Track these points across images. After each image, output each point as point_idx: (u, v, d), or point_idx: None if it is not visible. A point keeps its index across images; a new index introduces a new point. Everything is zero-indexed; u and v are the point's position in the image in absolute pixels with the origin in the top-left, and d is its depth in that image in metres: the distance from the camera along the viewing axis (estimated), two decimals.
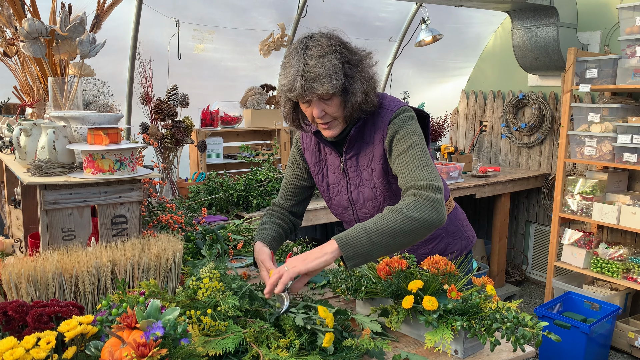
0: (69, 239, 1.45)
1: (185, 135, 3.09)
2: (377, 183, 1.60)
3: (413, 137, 1.50)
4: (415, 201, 1.36)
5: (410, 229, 1.33)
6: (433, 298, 1.25)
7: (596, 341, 3.14)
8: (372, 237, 1.31)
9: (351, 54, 1.50)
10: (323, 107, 1.49)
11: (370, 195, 1.63)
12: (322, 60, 1.43)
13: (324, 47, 1.45)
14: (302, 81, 1.43)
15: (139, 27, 3.45)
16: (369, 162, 1.60)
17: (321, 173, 1.74)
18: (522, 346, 1.18)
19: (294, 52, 1.47)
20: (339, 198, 1.71)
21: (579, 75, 3.64)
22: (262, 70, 4.22)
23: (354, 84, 1.48)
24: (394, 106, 1.58)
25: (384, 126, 1.55)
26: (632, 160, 3.32)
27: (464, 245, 1.82)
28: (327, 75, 1.42)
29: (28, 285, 1.18)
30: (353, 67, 1.48)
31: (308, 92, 1.44)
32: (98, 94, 2.14)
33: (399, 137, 1.51)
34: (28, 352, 0.92)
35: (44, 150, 1.56)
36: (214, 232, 2.09)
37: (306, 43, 1.47)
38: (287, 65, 1.48)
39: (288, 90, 1.47)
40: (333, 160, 1.69)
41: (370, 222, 1.35)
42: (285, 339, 1.21)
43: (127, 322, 1.00)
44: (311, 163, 1.75)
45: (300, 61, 1.44)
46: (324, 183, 1.74)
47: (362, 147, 1.61)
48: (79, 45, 1.74)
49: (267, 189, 3.16)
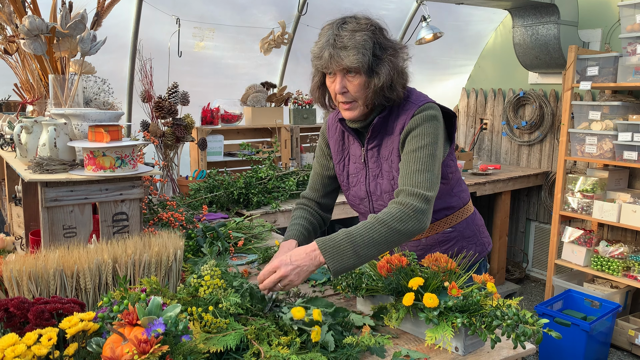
0: (70, 236, 1.46)
1: (186, 133, 3.09)
2: (396, 176, 1.59)
3: (426, 139, 1.50)
4: (400, 211, 1.39)
5: (393, 241, 1.38)
6: (434, 295, 1.25)
7: (596, 339, 3.15)
8: (357, 250, 1.35)
9: (385, 39, 1.53)
10: (345, 82, 1.51)
11: (388, 188, 1.62)
12: (354, 34, 1.46)
13: (360, 24, 1.49)
14: (330, 49, 1.46)
15: (139, 24, 3.44)
16: (389, 153, 1.60)
17: (342, 162, 1.74)
18: (522, 343, 1.18)
19: (330, 24, 1.52)
20: (357, 189, 1.71)
21: (580, 73, 3.63)
22: (262, 68, 4.22)
23: (380, 66, 1.49)
24: (420, 101, 1.58)
25: (406, 119, 1.56)
26: (632, 158, 3.32)
27: (479, 250, 1.78)
28: (354, 47, 1.45)
29: (29, 282, 1.18)
30: (383, 50, 1.51)
31: (333, 62, 1.47)
32: (99, 92, 2.14)
33: (413, 135, 1.52)
34: (29, 348, 0.93)
35: (45, 147, 1.56)
36: (215, 230, 2.09)
37: (345, 19, 1.52)
38: (321, 35, 1.52)
39: (316, 57, 1.51)
40: (355, 150, 1.69)
41: (357, 234, 1.37)
42: (286, 336, 1.21)
43: (129, 319, 1.00)
44: (334, 151, 1.76)
45: (333, 32, 1.48)
46: (344, 173, 1.74)
47: (385, 138, 1.61)
48: (80, 42, 1.74)
49: (267, 187, 3.16)
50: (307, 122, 4.02)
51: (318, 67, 1.54)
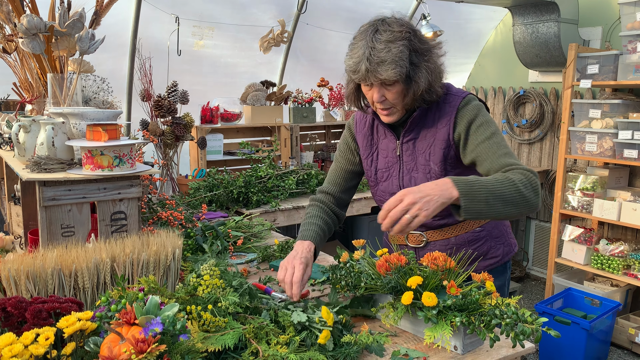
0: (68, 235, 1.45)
1: (185, 131, 3.09)
2: (433, 168, 1.58)
3: (492, 126, 1.52)
4: (528, 179, 1.38)
5: (516, 204, 1.35)
6: (432, 294, 1.25)
7: (596, 337, 3.14)
8: (488, 197, 1.31)
9: (420, 42, 1.49)
10: (384, 92, 1.50)
11: (424, 181, 1.56)
12: (389, 45, 1.43)
13: (394, 32, 1.44)
14: (367, 64, 1.43)
15: (138, 23, 3.44)
16: (427, 146, 1.59)
17: (371, 157, 1.72)
18: (521, 342, 1.18)
19: (363, 34, 1.47)
20: (388, 183, 1.69)
21: (580, 71, 3.63)
22: (262, 67, 4.21)
23: (418, 73, 1.48)
24: (462, 93, 1.59)
25: (452, 111, 1.55)
26: (633, 157, 3.32)
27: (506, 252, 1.74)
28: (392, 62, 1.42)
29: (27, 282, 1.18)
30: (420, 56, 1.48)
31: (371, 76, 1.45)
32: (98, 91, 2.14)
33: (478, 125, 1.52)
34: (27, 348, 0.93)
35: (43, 146, 1.56)
36: (214, 229, 2.09)
37: (377, 26, 1.47)
38: (354, 47, 1.48)
39: (352, 72, 1.48)
40: (387, 145, 1.68)
41: (488, 182, 1.34)
42: (285, 335, 1.21)
43: (126, 318, 1.00)
44: (362, 146, 1.74)
45: (368, 44, 1.44)
46: (372, 168, 1.72)
47: (422, 130, 1.60)
48: (78, 41, 1.74)
49: (267, 186, 3.16)
50: (306, 121, 4.02)
51: (354, 79, 1.51)
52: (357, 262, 1.51)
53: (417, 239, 1.68)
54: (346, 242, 4.14)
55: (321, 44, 4.38)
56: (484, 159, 1.49)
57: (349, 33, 1.57)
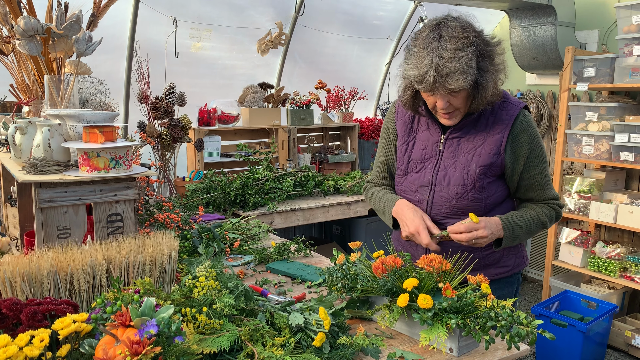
0: (64, 237, 1.45)
1: (183, 133, 3.09)
2: (473, 170, 1.56)
3: (545, 156, 1.62)
4: (556, 215, 1.65)
5: (535, 233, 1.62)
6: (428, 296, 1.25)
7: (593, 340, 3.15)
8: (521, 236, 1.58)
9: (485, 44, 1.45)
10: (449, 99, 1.47)
11: (459, 181, 1.58)
12: (458, 54, 1.38)
13: (461, 39, 1.39)
14: (435, 75, 1.38)
15: (136, 25, 3.44)
16: (474, 147, 1.57)
17: (406, 146, 1.69)
18: (516, 344, 1.18)
19: (426, 40, 1.41)
20: (420, 175, 1.65)
21: (577, 74, 3.64)
22: (259, 69, 4.21)
23: (486, 77, 1.44)
24: (519, 103, 1.60)
25: (508, 120, 1.55)
26: (629, 159, 3.33)
27: (517, 263, 1.72)
28: (462, 72, 1.38)
29: (23, 284, 1.18)
30: (486, 60, 1.44)
31: (440, 87, 1.41)
32: (95, 92, 2.14)
33: (537, 154, 1.59)
34: (21, 349, 0.92)
35: (39, 148, 1.56)
36: (211, 231, 2.09)
37: (440, 32, 1.41)
38: (418, 55, 1.42)
39: (418, 82, 1.43)
40: (427, 136, 1.65)
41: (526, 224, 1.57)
42: (281, 337, 1.21)
43: (122, 320, 1.00)
44: (401, 133, 1.71)
45: (434, 52, 1.38)
46: (405, 156, 1.69)
47: (472, 131, 1.58)
48: (75, 43, 1.74)
49: (264, 188, 3.16)
50: (304, 123, 4.02)
51: (420, 89, 1.47)
52: (354, 264, 1.51)
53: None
54: (343, 244, 4.14)
55: (319, 47, 4.39)
56: (532, 190, 1.63)
57: (347, 35, 1.56)
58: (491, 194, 1.60)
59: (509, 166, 1.58)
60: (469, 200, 1.58)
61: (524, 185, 1.62)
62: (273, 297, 1.51)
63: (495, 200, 1.62)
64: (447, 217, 1.61)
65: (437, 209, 1.62)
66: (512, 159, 1.57)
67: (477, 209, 1.58)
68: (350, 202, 3.38)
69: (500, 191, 1.62)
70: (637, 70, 3.30)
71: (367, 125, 4.34)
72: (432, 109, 1.55)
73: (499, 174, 1.60)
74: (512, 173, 1.59)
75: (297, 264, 1.95)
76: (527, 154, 1.57)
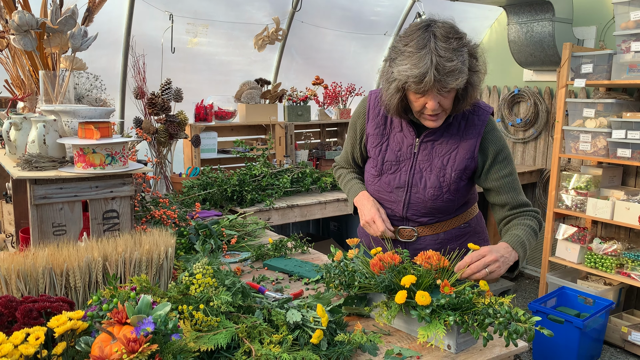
0: (60, 233, 1.44)
1: (179, 129, 3.07)
2: (449, 173, 1.62)
3: (512, 159, 1.65)
4: (539, 224, 1.65)
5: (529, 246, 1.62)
6: (426, 293, 1.25)
7: (589, 336, 3.16)
8: (527, 252, 1.58)
9: (473, 45, 1.49)
10: (440, 99, 1.47)
11: (435, 183, 1.63)
12: (456, 53, 1.40)
13: (456, 39, 1.42)
14: (436, 74, 1.38)
15: (132, 20, 3.42)
16: (448, 151, 1.62)
17: (379, 147, 1.71)
18: (514, 341, 1.18)
19: (422, 41, 1.41)
20: (394, 177, 1.68)
21: (574, 70, 3.64)
22: (256, 65, 4.20)
23: (476, 77, 1.48)
24: (487, 107, 1.64)
25: (480, 125, 1.60)
26: (626, 156, 3.33)
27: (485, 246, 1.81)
28: (460, 71, 1.41)
29: (18, 281, 1.17)
30: (475, 60, 1.47)
31: (438, 86, 1.41)
32: (91, 88, 2.12)
33: (503, 157, 1.63)
34: (17, 347, 0.92)
35: (34, 144, 1.55)
36: (208, 227, 2.08)
37: (433, 32, 1.42)
38: (414, 55, 1.41)
39: (416, 82, 1.41)
40: (402, 138, 1.67)
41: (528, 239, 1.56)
42: (278, 334, 1.20)
43: (118, 318, 0.99)
44: (372, 135, 1.72)
45: (433, 52, 1.39)
46: (379, 157, 1.71)
47: (445, 134, 1.62)
48: (71, 38, 1.72)
49: (261, 184, 3.15)
50: (301, 119, 4.01)
51: (417, 90, 1.44)
52: (351, 261, 1.50)
53: (409, 234, 1.72)
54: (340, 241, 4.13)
55: (316, 42, 4.37)
56: (504, 192, 1.64)
57: (344, 31, 1.55)
58: (463, 195, 1.68)
59: (479, 168, 1.64)
60: (443, 201, 1.65)
61: (496, 187, 1.65)
62: (270, 294, 1.50)
63: (464, 199, 1.71)
64: (421, 216, 1.69)
65: (412, 209, 1.68)
66: (483, 161, 1.63)
67: (449, 209, 1.67)
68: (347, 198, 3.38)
69: (468, 191, 1.71)
70: (635, 67, 3.30)
71: None
72: (418, 111, 1.54)
73: (471, 175, 1.67)
74: (481, 173, 1.65)
75: (294, 261, 1.94)
76: (495, 155, 1.61)
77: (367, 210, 1.71)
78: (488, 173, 1.64)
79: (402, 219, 1.72)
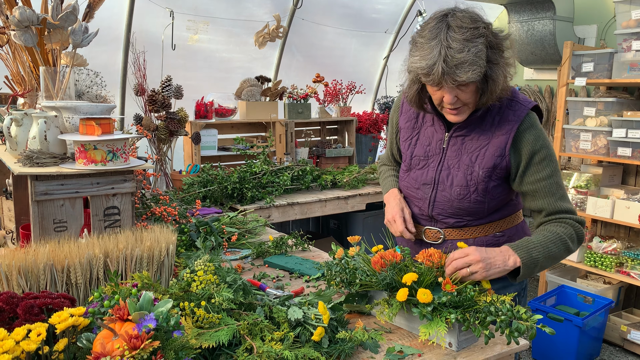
0: (61, 230, 1.44)
1: (179, 126, 3.07)
2: (477, 171, 1.51)
3: (554, 160, 1.50)
4: (577, 235, 1.47)
5: (560, 258, 1.46)
6: (427, 291, 1.25)
7: (589, 334, 3.16)
8: (543, 262, 1.41)
9: (494, 36, 1.39)
10: (457, 92, 1.40)
11: (462, 181, 1.53)
12: (468, 45, 1.32)
13: (470, 29, 1.33)
14: (444, 66, 1.32)
15: (132, 16, 3.41)
16: (478, 147, 1.51)
17: (409, 141, 1.65)
18: (516, 339, 1.18)
19: (434, 31, 1.35)
20: (422, 173, 1.61)
21: (575, 69, 3.63)
22: (257, 62, 4.19)
23: (496, 70, 1.38)
24: (527, 102, 1.51)
25: (515, 121, 1.48)
26: (626, 155, 3.33)
27: None
28: (472, 62, 1.32)
29: (19, 277, 1.17)
30: (497, 52, 1.38)
31: (448, 79, 1.34)
32: (91, 85, 2.11)
33: (542, 158, 1.48)
34: (18, 344, 0.91)
35: (35, 140, 1.54)
36: (208, 225, 2.08)
37: (448, 22, 1.35)
38: (425, 46, 1.35)
39: (425, 74, 1.36)
40: (432, 133, 1.60)
41: (544, 246, 1.41)
42: (279, 331, 1.20)
43: (120, 314, 0.99)
44: (404, 128, 1.67)
45: (442, 43, 1.32)
46: (408, 152, 1.65)
47: (477, 130, 1.52)
48: (71, 34, 1.72)
49: (261, 182, 3.15)
50: (302, 117, 4.01)
51: (427, 82, 1.40)
52: (352, 258, 1.50)
53: (434, 236, 1.62)
54: (340, 239, 4.13)
55: (317, 40, 4.36)
56: (540, 197, 1.49)
57: (344, 29, 1.54)
58: (494, 197, 1.54)
59: (513, 170, 1.51)
60: (470, 202, 1.53)
61: (530, 191, 1.50)
62: (271, 292, 1.50)
63: (498, 204, 1.56)
64: (448, 217, 1.58)
65: (438, 208, 1.58)
66: (517, 162, 1.50)
67: (478, 212, 1.55)
68: (347, 196, 3.38)
69: (504, 195, 1.56)
70: (635, 66, 3.30)
71: (365, 120, 4.33)
72: (438, 104, 1.48)
73: (504, 176, 1.53)
74: (516, 176, 1.52)
75: (295, 258, 1.94)
76: (531, 156, 1.48)
77: (391, 208, 1.66)
78: (523, 176, 1.50)
79: (429, 219, 1.62)
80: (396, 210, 1.63)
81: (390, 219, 1.64)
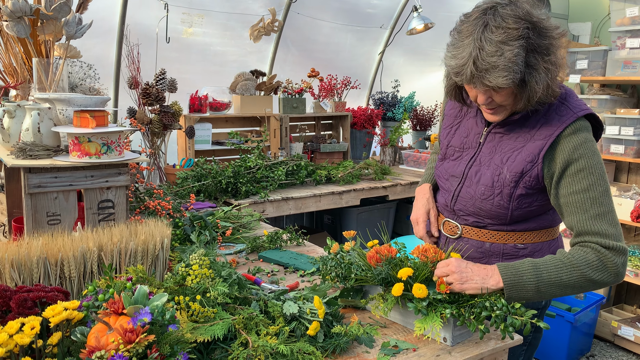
0: (54, 223, 1.43)
1: (173, 120, 3.05)
2: (504, 174, 1.40)
3: (596, 173, 1.31)
4: (601, 263, 1.26)
5: (583, 287, 1.27)
6: (423, 286, 1.25)
7: (580, 330, 3.19)
8: (540, 286, 1.26)
9: (540, 37, 1.26)
10: (491, 94, 1.31)
11: (488, 181, 1.42)
12: (502, 47, 1.21)
13: (509, 30, 1.22)
14: (473, 69, 1.24)
15: (126, 8, 3.38)
16: (512, 148, 1.40)
17: (449, 129, 1.58)
18: (510, 334, 1.19)
19: (471, 28, 1.26)
20: (454, 164, 1.53)
21: (569, 66, 3.65)
22: (252, 56, 4.17)
23: (535, 75, 1.26)
24: (579, 109, 1.36)
25: (559, 126, 1.34)
26: (619, 152, 3.35)
27: None
28: (504, 68, 1.21)
29: (12, 270, 1.16)
30: (539, 55, 1.26)
31: (477, 82, 1.26)
32: (84, 77, 2.10)
33: (579, 168, 1.31)
34: (12, 337, 0.91)
35: (28, 132, 1.53)
36: (202, 219, 2.07)
37: (486, 20, 1.25)
38: (458, 44, 1.28)
39: (455, 74, 1.30)
40: (472, 125, 1.52)
41: (544, 269, 1.26)
42: (275, 326, 1.20)
43: (114, 308, 0.98)
44: (447, 115, 1.61)
45: (475, 43, 1.23)
46: (445, 140, 1.58)
47: (517, 129, 1.41)
48: (65, 25, 1.70)
49: (256, 176, 3.14)
50: (296, 112, 4.00)
51: (457, 82, 1.33)
52: (348, 253, 1.50)
53: (452, 230, 1.55)
54: (334, 234, 4.14)
55: (312, 34, 4.35)
56: (571, 213, 1.33)
57: (340, 24, 1.52)
58: (520, 206, 1.41)
59: (547, 178, 1.37)
60: (493, 204, 1.42)
61: (562, 205, 1.35)
62: (266, 286, 1.50)
63: (524, 214, 1.43)
64: (468, 215, 1.50)
65: (460, 204, 1.50)
66: (550, 172, 1.36)
67: (499, 217, 1.43)
68: (342, 191, 3.38)
69: (534, 206, 1.42)
70: (629, 63, 3.31)
71: (360, 115, 4.33)
72: (474, 101, 1.40)
73: (535, 186, 1.39)
74: (551, 187, 1.37)
75: (289, 253, 1.94)
76: (565, 165, 1.32)
77: (417, 209, 1.63)
78: (558, 187, 1.35)
79: (451, 212, 1.54)
80: (421, 213, 1.61)
81: (414, 219, 1.63)
